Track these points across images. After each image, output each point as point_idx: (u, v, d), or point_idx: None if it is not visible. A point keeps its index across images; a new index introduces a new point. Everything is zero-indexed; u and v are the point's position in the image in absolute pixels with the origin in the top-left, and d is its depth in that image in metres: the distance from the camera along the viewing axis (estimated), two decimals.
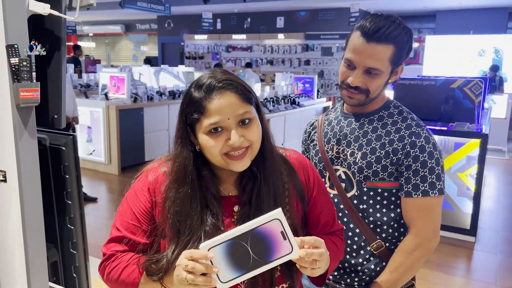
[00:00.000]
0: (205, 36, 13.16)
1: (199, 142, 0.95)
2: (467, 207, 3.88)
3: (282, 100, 6.27)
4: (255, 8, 11.58)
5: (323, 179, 1.40)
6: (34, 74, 1.07)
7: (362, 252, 1.33)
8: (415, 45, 11.93)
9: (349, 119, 1.39)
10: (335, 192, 1.36)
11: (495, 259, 3.61)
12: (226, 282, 0.78)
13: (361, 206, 1.32)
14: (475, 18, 10.16)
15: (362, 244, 1.33)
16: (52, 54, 1.19)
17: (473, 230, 3.90)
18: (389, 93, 4.31)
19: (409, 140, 1.26)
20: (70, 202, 1.32)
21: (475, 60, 9.46)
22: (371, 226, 1.32)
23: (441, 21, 10.82)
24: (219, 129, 0.92)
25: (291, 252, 0.80)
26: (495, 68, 8.70)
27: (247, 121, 0.93)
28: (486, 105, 5.11)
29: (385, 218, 1.32)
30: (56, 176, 1.31)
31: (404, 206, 1.29)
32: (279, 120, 5.70)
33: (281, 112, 5.82)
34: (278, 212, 0.82)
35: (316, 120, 1.52)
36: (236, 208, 0.99)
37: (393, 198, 1.32)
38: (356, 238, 1.33)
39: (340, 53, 10.90)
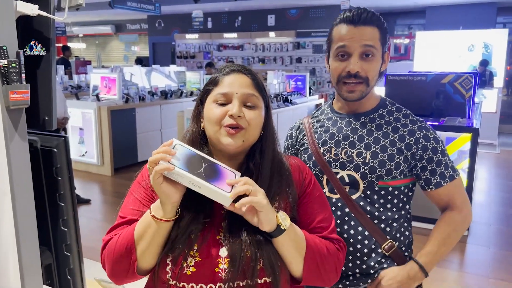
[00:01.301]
0: (196, 35, 13.11)
1: (204, 113, 1.02)
2: None
3: (275, 98, 6.27)
4: (246, 6, 11.56)
5: (319, 184, 1.38)
6: (23, 75, 1.06)
7: (373, 255, 1.29)
8: (405, 41, 12.01)
9: (347, 119, 1.35)
10: (337, 196, 1.31)
11: (488, 252, 3.65)
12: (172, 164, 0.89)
13: (368, 208, 1.29)
14: (464, 13, 10.25)
15: (373, 246, 1.29)
16: (41, 55, 1.17)
17: None
18: (381, 90, 4.33)
19: (421, 134, 1.29)
20: (63, 204, 1.30)
21: (465, 55, 9.53)
22: (382, 226, 1.29)
23: (431, 17, 10.89)
24: (225, 104, 0.99)
25: (229, 192, 0.90)
26: (485, 62, 8.78)
27: (252, 106, 1.00)
28: (476, 100, 5.16)
29: (396, 216, 1.31)
30: (48, 179, 1.29)
31: (435, 197, 1.34)
32: None
33: (274, 110, 5.78)
34: (238, 174, 0.97)
35: (302, 123, 1.46)
36: None
37: (401, 196, 1.32)
38: (366, 241, 1.29)
39: None
